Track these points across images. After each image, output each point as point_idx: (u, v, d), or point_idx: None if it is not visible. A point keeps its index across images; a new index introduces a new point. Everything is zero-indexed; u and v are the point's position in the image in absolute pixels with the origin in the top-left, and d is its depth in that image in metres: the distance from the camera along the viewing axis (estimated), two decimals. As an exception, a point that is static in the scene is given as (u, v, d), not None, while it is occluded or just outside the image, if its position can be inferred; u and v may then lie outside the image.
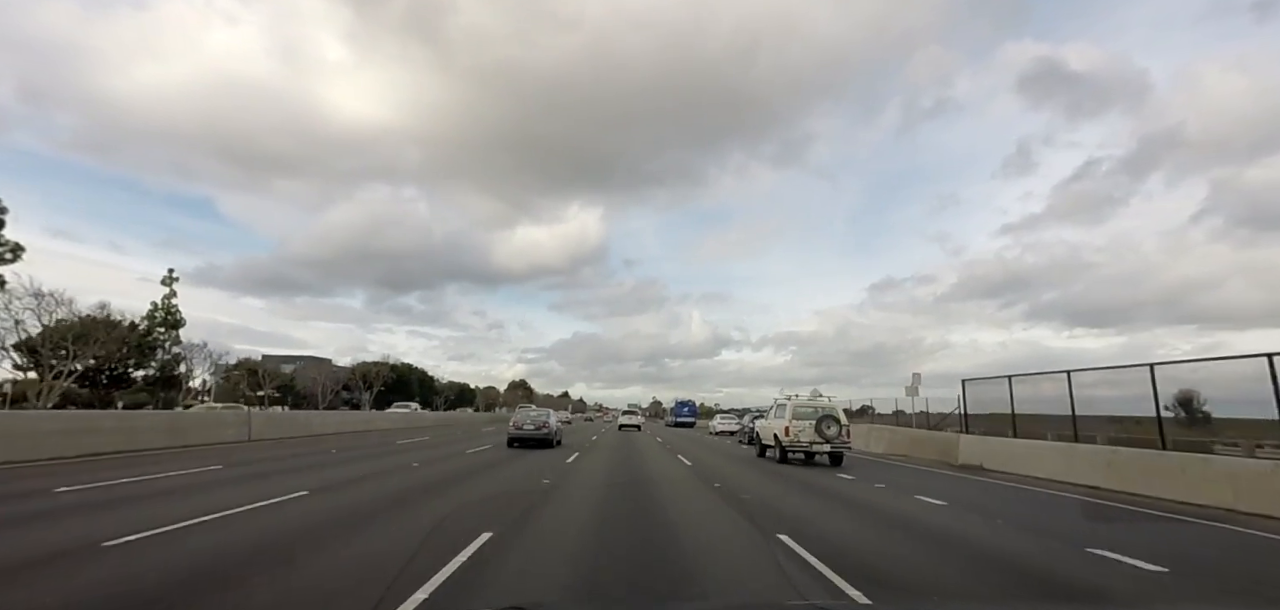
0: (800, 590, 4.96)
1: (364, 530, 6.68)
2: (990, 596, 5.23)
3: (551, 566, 5.47)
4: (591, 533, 7.01)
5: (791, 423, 17.96)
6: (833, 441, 17.39)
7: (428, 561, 5.30)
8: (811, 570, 5.55)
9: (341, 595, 4.48)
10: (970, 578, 5.63)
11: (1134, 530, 8.71)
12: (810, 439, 17.57)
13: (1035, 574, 5.80)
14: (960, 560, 6.32)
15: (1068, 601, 4.93)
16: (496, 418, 59.81)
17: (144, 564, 5.11)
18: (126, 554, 5.43)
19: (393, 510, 8.06)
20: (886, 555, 6.51)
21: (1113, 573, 5.91)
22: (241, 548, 5.79)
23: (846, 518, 8.76)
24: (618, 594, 4.83)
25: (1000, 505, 10.58)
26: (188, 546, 5.83)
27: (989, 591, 5.27)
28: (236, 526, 6.75)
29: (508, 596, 4.52)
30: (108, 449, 14.68)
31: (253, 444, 19.50)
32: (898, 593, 5.11)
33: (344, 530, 6.67)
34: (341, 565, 5.28)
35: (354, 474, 12.24)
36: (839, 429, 17.52)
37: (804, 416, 17.99)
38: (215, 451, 16.27)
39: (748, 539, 6.96)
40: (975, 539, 7.46)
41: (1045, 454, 15.64)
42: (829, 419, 17.57)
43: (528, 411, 24.39)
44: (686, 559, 5.86)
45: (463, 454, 18.11)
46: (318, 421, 28.07)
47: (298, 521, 7.15)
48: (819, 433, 17.39)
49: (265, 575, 4.88)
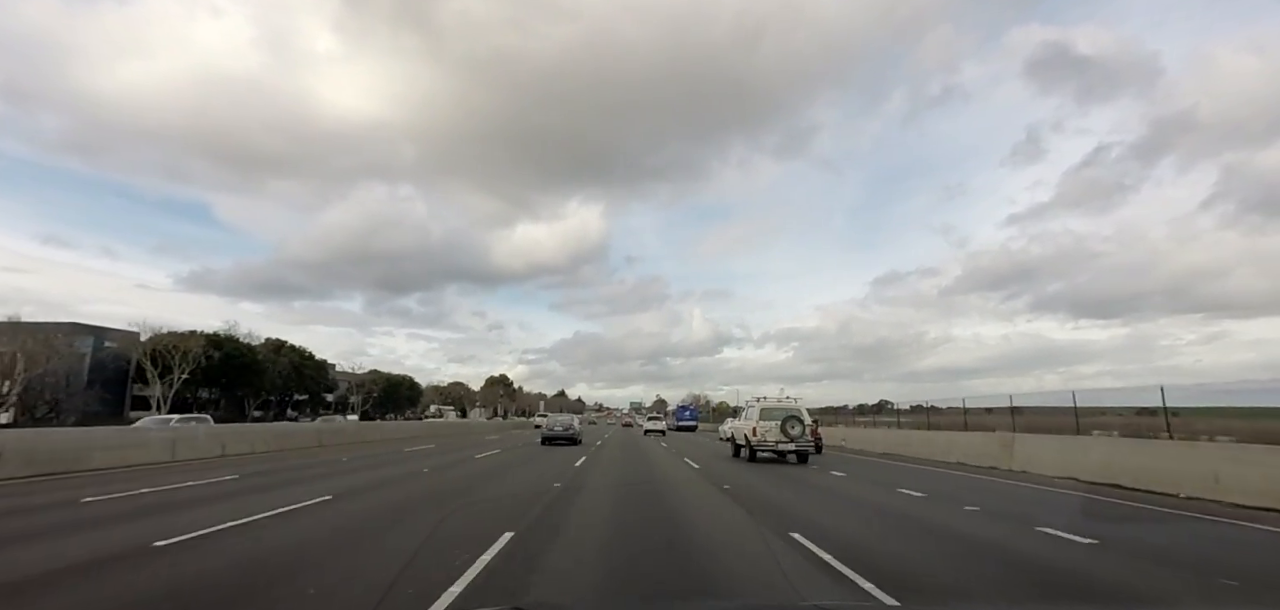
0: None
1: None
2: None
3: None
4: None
5: (758, 424, 18.56)
6: (797, 441, 18.04)
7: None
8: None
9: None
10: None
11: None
12: (776, 439, 18.17)
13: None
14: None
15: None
16: (438, 430, 43.67)
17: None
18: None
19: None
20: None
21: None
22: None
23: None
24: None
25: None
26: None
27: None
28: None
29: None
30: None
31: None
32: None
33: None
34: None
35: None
36: (803, 429, 18.16)
37: (771, 417, 18.50)
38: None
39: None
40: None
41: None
42: (793, 419, 18.12)
43: (558, 417, 33.89)
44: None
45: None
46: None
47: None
48: (784, 433, 18.00)
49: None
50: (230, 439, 19.40)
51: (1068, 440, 16.19)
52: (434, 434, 38.26)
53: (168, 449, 16.52)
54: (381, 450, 22.37)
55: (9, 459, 12.27)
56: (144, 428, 20.10)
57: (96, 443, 14.96)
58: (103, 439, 15.62)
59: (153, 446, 16.29)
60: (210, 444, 18.40)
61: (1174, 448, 12.99)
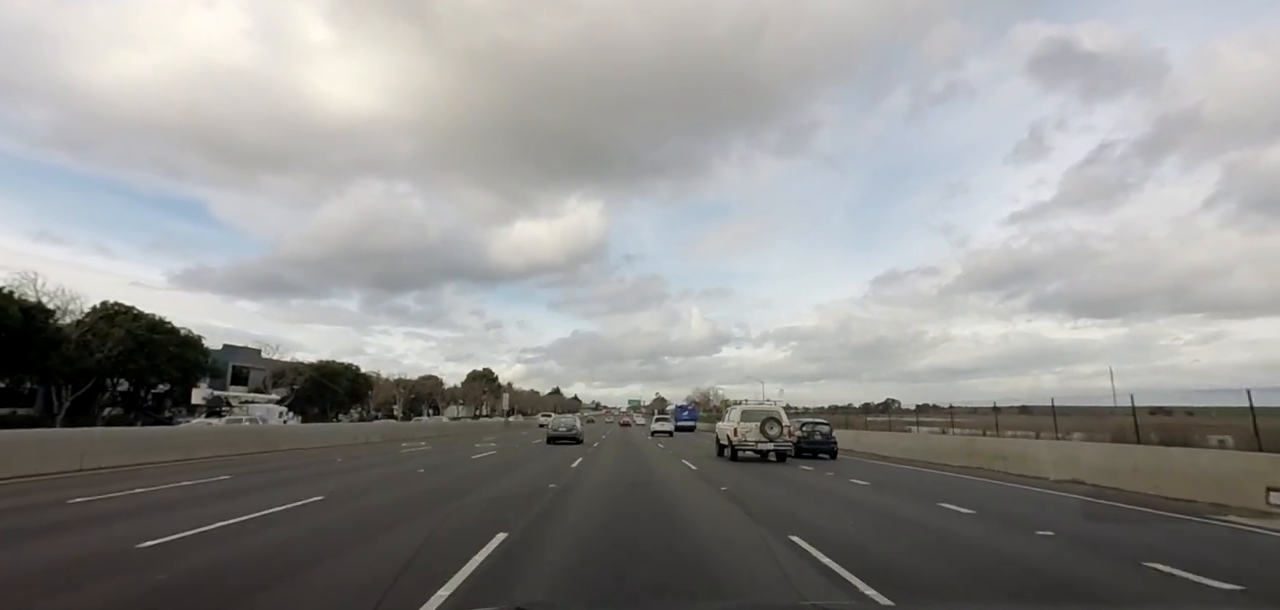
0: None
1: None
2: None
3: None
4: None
5: (739, 424, 19.52)
6: (776, 441, 18.86)
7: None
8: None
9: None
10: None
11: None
12: (756, 439, 18.99)
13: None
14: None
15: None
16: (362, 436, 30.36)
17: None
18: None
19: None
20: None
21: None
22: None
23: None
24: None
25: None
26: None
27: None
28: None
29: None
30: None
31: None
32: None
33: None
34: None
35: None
36: (781, 429, 19.01)
37: (752, 419, 19.44)
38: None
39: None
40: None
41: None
42: (771, 421, 19.03)
43: (562, 417, 34.86)
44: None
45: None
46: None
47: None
48: (763, 433, 18.86)
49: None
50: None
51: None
52: (354, 443, 26.83)
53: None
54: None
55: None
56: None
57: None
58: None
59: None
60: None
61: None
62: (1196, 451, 13.86)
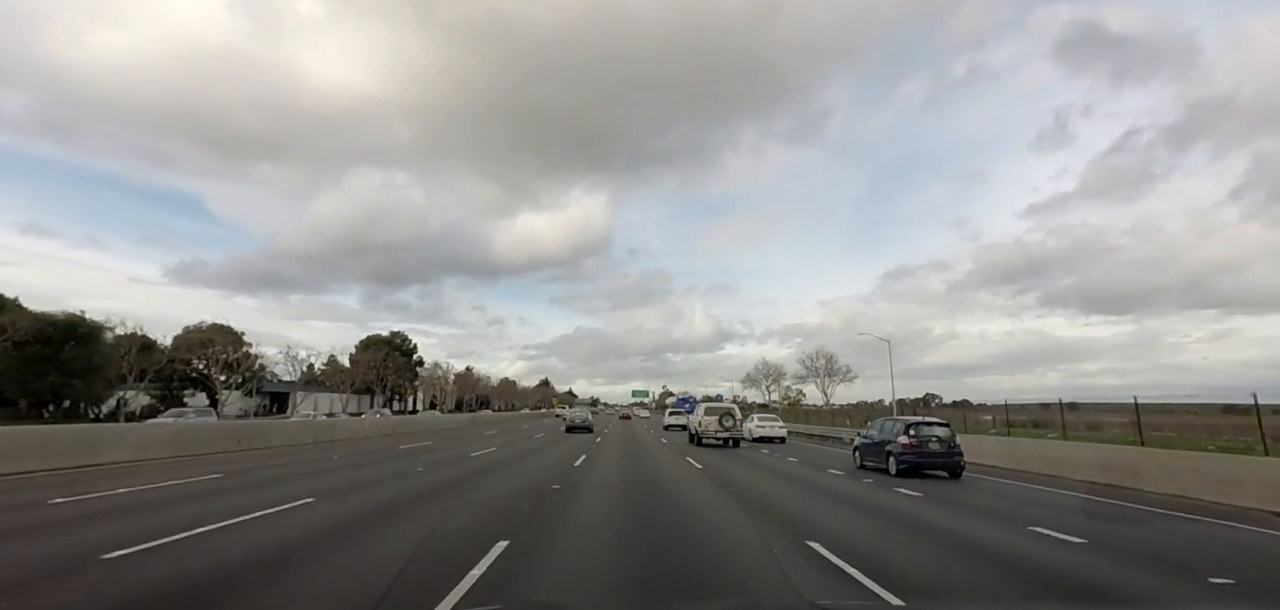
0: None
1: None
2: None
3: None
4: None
5: (703, 418, 24.54)
6: (730, 431, 23.76)
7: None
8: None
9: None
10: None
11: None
12: (716, 429, 23.69)
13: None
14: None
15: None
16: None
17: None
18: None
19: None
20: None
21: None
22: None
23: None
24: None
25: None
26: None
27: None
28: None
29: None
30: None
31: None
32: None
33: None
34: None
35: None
36: (734, 421, 24.02)
37: (713, 413, 24.39)
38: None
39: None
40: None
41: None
42: (727, 415, 24.05)
43: (576, 410, 38.92)
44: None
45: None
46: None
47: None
48: (721, 424, 23.69)
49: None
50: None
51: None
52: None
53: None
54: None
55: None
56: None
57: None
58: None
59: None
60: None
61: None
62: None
